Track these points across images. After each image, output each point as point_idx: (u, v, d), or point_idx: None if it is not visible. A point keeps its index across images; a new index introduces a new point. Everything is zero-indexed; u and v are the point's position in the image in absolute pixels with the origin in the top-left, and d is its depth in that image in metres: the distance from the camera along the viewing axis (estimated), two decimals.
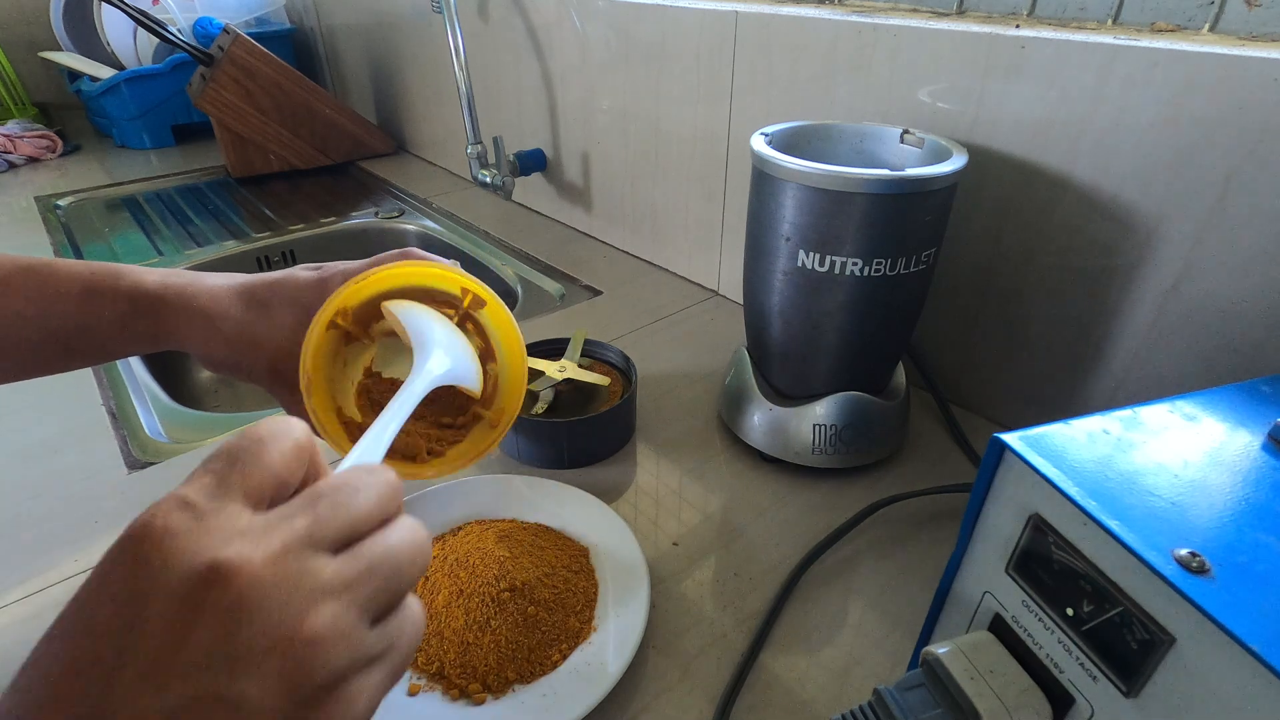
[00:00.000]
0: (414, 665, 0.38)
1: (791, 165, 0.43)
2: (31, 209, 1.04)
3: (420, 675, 0.37)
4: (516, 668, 0.37)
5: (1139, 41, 0.42)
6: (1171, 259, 0.45)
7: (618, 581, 0.43)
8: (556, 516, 0.47)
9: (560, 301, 0.80)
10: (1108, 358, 0.50)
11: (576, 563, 0.44)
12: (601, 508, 0.47)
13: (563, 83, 0.88)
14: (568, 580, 0.42)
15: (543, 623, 0.39)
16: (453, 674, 0.37)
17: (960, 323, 0.58)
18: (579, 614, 0.40)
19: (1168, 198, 0.44)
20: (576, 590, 0.42)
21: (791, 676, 0.38)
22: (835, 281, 0.45)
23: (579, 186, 0.93)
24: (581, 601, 0.41)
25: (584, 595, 0.41)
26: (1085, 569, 0.24)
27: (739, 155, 0.70)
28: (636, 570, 0.42)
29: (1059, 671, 0.26)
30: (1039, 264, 0.51)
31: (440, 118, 1.17)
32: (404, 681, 0.37)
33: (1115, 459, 0.26)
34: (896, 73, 0.54)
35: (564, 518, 0.47)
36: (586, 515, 0.47)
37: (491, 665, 0.37)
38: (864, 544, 0.47)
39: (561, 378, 0.55)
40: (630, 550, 0.44)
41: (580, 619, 0.40)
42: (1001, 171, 0.51)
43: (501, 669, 0.37)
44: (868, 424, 0.50)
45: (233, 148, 1.15)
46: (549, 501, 0.48)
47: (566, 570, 0.43)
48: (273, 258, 0.98)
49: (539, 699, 0.36)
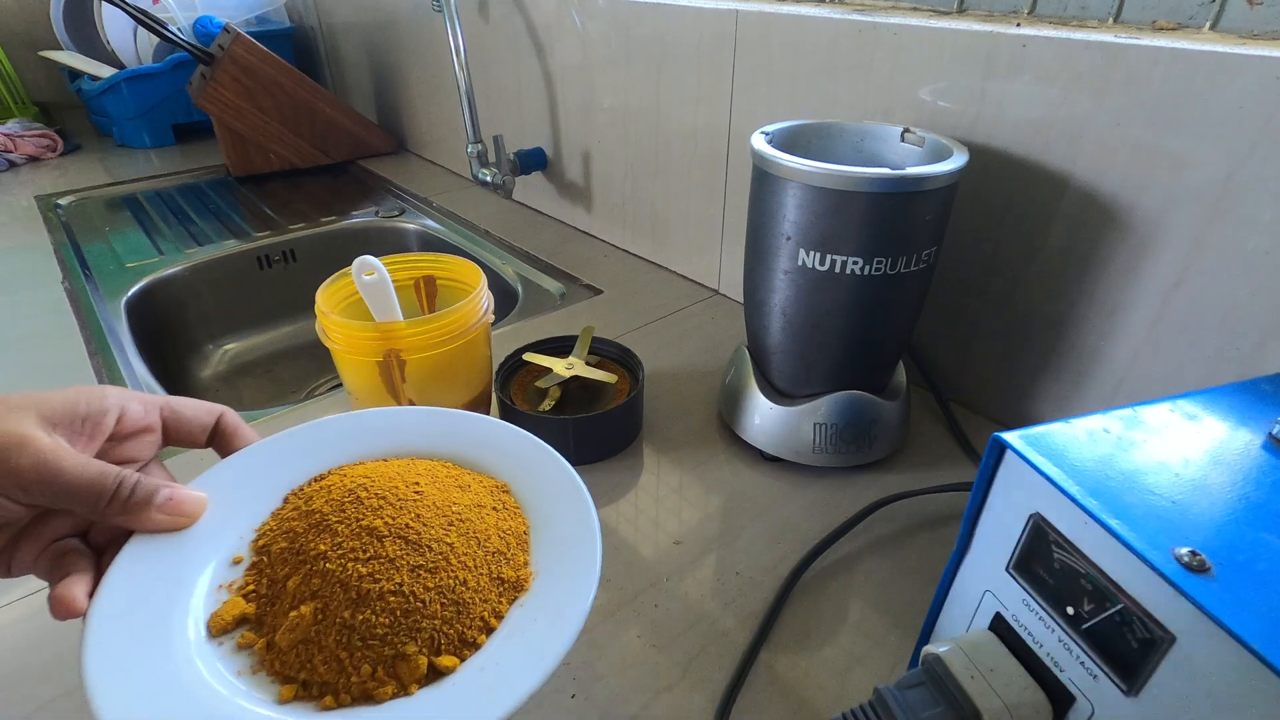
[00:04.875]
0: (277, 673, 0.28)
1: (792, 164, 0.43)
2: (32, 208, 1.04)
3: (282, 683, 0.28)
4: (425, 645, 0.28)
5: (1140, 40, 0.42)
6: (1172, 258, 0.45)
7: (552, 519, 0.34)
8: (461, 451, 0.38)
9: (561, 300, 0.80)
10: (1108, 357, 0.50)
11: (496, 500, 0.35)
12: (519, 434, 0.38)
13: (563, 81, 0.88)
14: (486, 521, 0.33)
15: (462, 579, 0.30)
16: (325, 676, 0.27)
17: (961, 321, 0.58)
18: (509, 559, 0.32)
19: (1168, 197, 0.44)
20: (504, 532, 0.33)
21: (792, 675, 0.38)
22: (836, 281, 0.45)
23: (579, 185, 0.93)
24: (513, 542, 0.33)
25: (514, 536, 0.33)
26: (1086, 568, 0.24)
27: (739, 154, 0.70)
28: (573, 500, 0.34)
29: (1059, 670, 0.26)
30: (1039, 262, 0.51)
31: (441, 116, 1.17)
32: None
33: (1116, 458, 0.26)
34: (897, 71, 0.54)
35: (470, 452, 0.38)
36: (500, 446, 0.38)
37: (382, 656, 0.28)
38: (864, 543, 0.47)
39: (569, 375, 0.55)
40: (559, 479, 0.36)
41: (513, 566, 0.32)
42: (1002, 170, 0.51)
43: (400, 660, 0.28)
44: (868, 423, 0.51)
45: (233, 147, 1.15)
46: (446, 435, 0.39)
47: (484, 510, 0.34)
48: (273, 257, 0.98)
49: (476, 676, 0.28)
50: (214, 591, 0.31)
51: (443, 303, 0.57)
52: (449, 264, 0.56)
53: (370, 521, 0.31)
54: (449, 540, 0.31)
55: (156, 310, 0.86)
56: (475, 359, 0.52)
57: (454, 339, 0.48)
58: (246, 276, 0.96)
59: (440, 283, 0.57)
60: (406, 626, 0.28)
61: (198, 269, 0.91)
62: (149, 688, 0.26)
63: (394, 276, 0.50)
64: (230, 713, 0.26)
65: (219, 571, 0.31)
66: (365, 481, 0.33)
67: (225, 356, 0.96)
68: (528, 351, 0.58)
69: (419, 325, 0.46)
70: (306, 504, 0.33)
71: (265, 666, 0.28)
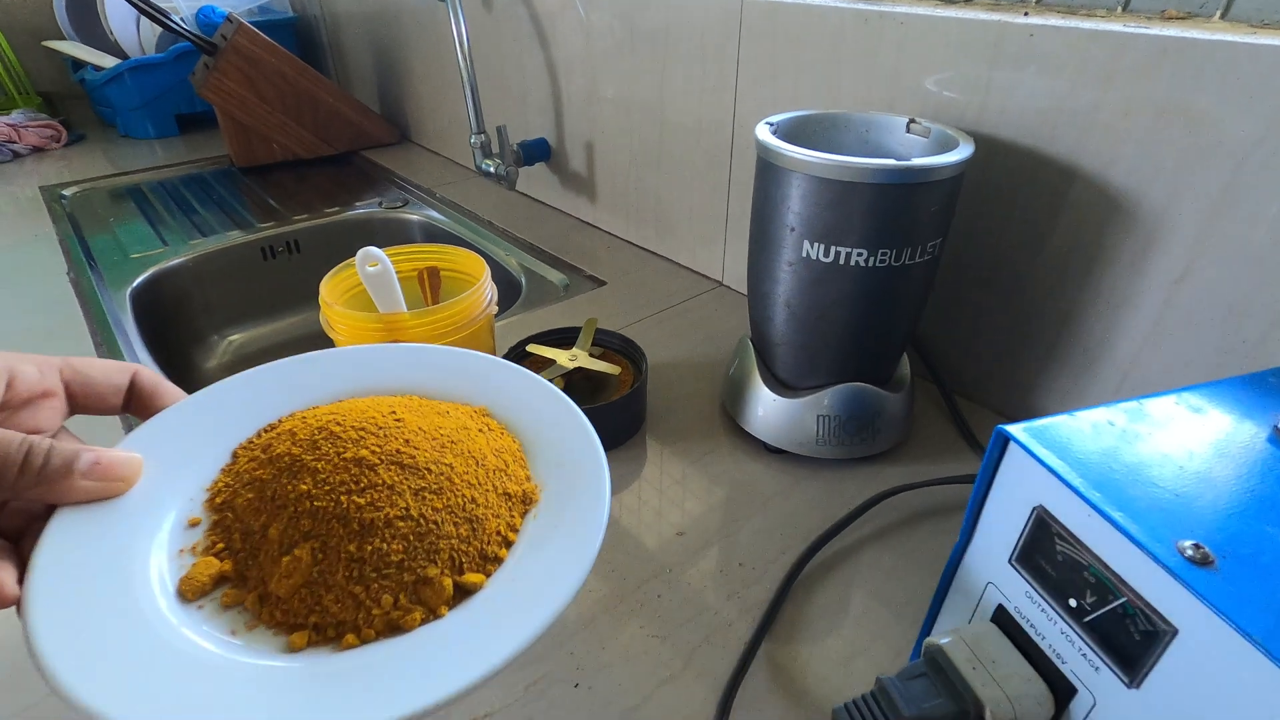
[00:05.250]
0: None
1: (796, 155, 0.43)
2: (37, 199, 1.04)
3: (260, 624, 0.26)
4: (446, 566, 0.27)
5: (1149, 29, 0.42)
6: (1178, 250, 0.44)
7: (542, 434, 0.33)
8: (425, 384, 0.36)
9: (564, 292, 0.80)
10: (1113, 349, 0.49)
11: (479, 423, 0.33)
12: (486, 359, 0.36)
13: (567, 72, 0.87)
14: (477, 441, 0.31)
15: (470, 498, 0.29)
16: (341, 615, 0.26)
17: (965, 314, 0.57)
18: (511, 475, 0.30)
19: (1175, 188, 0.43)
20: (498, 451, 0.31)
21: (795, 666, 0.38)
22: (840, 272, 0.45)
23: (583, 176, 0.93)
24: (509, 459, 0.31)
25: (509, 454, 0.32)
26: (1089, 561, 0.24)
27: (744, 145, 0.69)
28: (560, 413, 0.33)
29: (1061, 662, 0.26)
30: (1045, 254, 0.51)
31: (444, 107, 1.17)
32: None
33: (1120, 451, 0.26)
34: (903, 61, 0.54)
35: (437, 383, 0.36)
36: (469, 373, 0.36)
37: (403, 583, 0.26)
38: (867, 535, 0.47)
39: (573, 366, 0.55)
40: (540, 395, 0.34)
41: (516, 481, 0.30)
42: (1008, 161, 0.50)
43: (423, 584, 0.26)
44: (872, 415, 0.50)
45: (236, 137, 1.15)
46: (407, 369, 0.36)
47: (471, 432, 0.32)
48: (277, 247, 0.98)
49: (508, 587, 0.27)
50: (175, 557, 0.28)
51: (446, 294, 0.57)
52: (452, 255, 0.56)
53: (355, 453, 0.29)
54: (446, 461, 0.29)
55: (161, 301, 0.86)
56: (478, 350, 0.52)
57: (457, 330, 0.48)
58: (251, 267, 0.96)
59: (444, 274, 0.57)
60: (423, 550, 0.27)
61: (202, 260, 0.91)
62: (136, 669, 0.23)
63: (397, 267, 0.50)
64: (244, 674, 0.24)
65: (175, 536, 0.28)
66: (335, 417, 0.31)
67: (230, 347, 0.96)
68: (531, 343, 0.58)
69: (423, 316, 0.46)
70: (266, 452, 0.30)
71: (263, 619, 0.26)
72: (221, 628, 0.26)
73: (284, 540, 0.27)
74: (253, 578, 0.27)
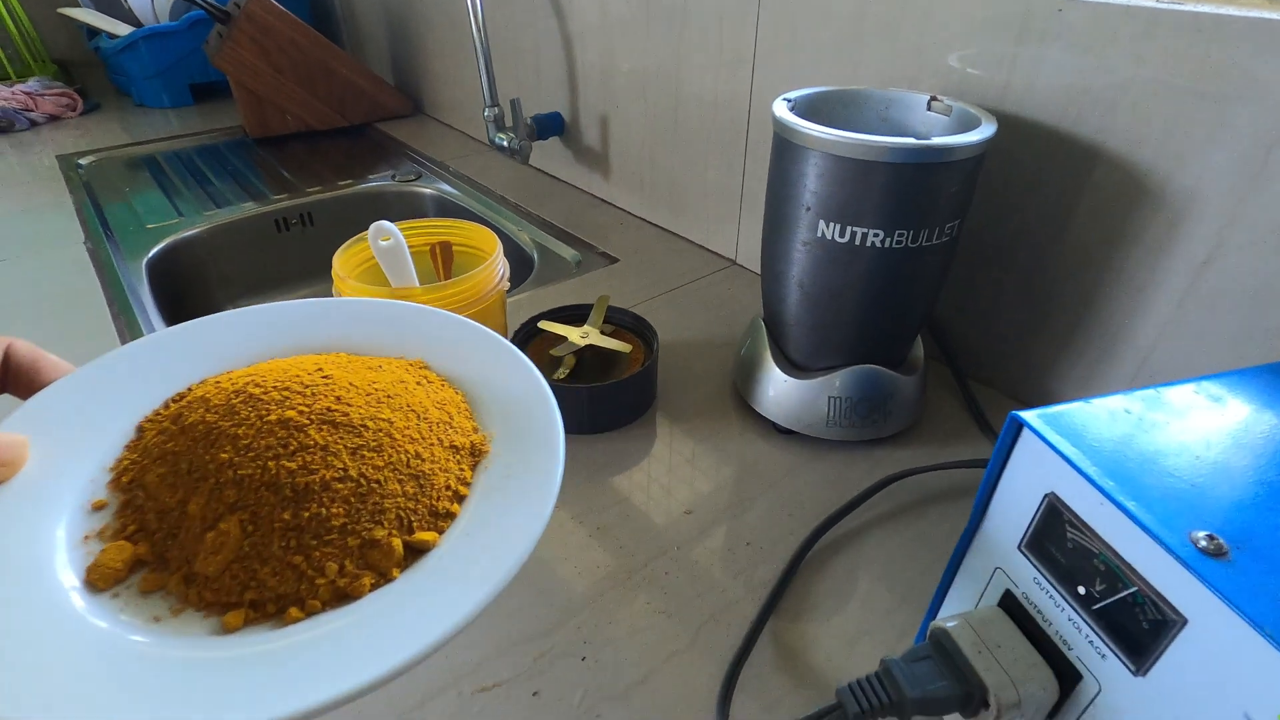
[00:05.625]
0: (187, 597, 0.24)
1: (814, 132, 0.42)
2: (54, 168, 1.05)
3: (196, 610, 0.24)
4: (394, 526, 0.25)
5: (1182, 6, 0.41)
6: (1204, 234, 0.43)
7: (486, 382, 0.31)
8: (352, 339, 0.34)
9: (576, 268, 0.80)
10: (1132, 334, 0.49)
11: (417, 376, 0.32)
12: (419, 310, 0.35)
13: (582, 44, 0.86)
14: (416, 394, 0.30)
15: (414, 453, 0.27)
16: (282, 588, 0.24)
17: (982, 295, 0.57)
18: (456, 427, 0.29)
19: (1204, 170, 0.42)
20: (440, 403, 0.30)
21: (799, 645, 0.39)
22: (856, 253, 0.45)
23: (597, 151, 0.92)
24: (453, 411, 0.30)
25: (452, 405, 0.30)
26: (1100, 549, 0.24)
27: (760, 121, 0.68)
28: (503, 359, 0.31)
29: (1067, 648, 0.26)
30: (1066, 235, 0.50)
31: (458, 79, 1.15)
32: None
33: (1136, 439, 0.26)
34: (926, 37, 0.52)
35: (365, 339, 0.34)
36: (401, 326, 0.34)
37: (348, 548, 0.25)
38: (875, 517, 0.47)
39: (584, 343, 0.55)
40: (480, 343, 0.32)
41: (462, 433, 0.29)
42: (1031, 140, 0.49)
43: (370, 547, 0.25)
44: (884, 398, 0.50)
45: (250, 107, 1.14)
46: (331, 326, 0.34)
47: (409, 385, 0.30)
48: (290, 220, 0.98)
49: (463, 543, 0.25)
50: (79, 545, 0.25)
51: (458, 269, 0.57)
52: (465, 230, 0.56)
53: (280, 414, 0.26)
54: (384, 416, 0.27)
55: (177, 272, 0.87)
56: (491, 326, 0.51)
57: (470, 306, 0.48)
58: (265, 239, 0.97)
59: (456, 248, 0.57)
60: (367, 511, 0.25)
61: (217, 231, 0.91)
62: (48, 671, 0.21)
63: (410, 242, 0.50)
64: (172, 661, 0.22)
65: (76, 521, 0.26)
66: (253, 379, 0.28)
67: None
68: (543, 319, 0.58)
69: (435, 291, 0.46)
70: (176, 423, 0.28)
71: (191, 601, 0.24)
72: (143, 615, 0.24)
73: (206, 515, 0.25)
74: (174, 558, 0.25)
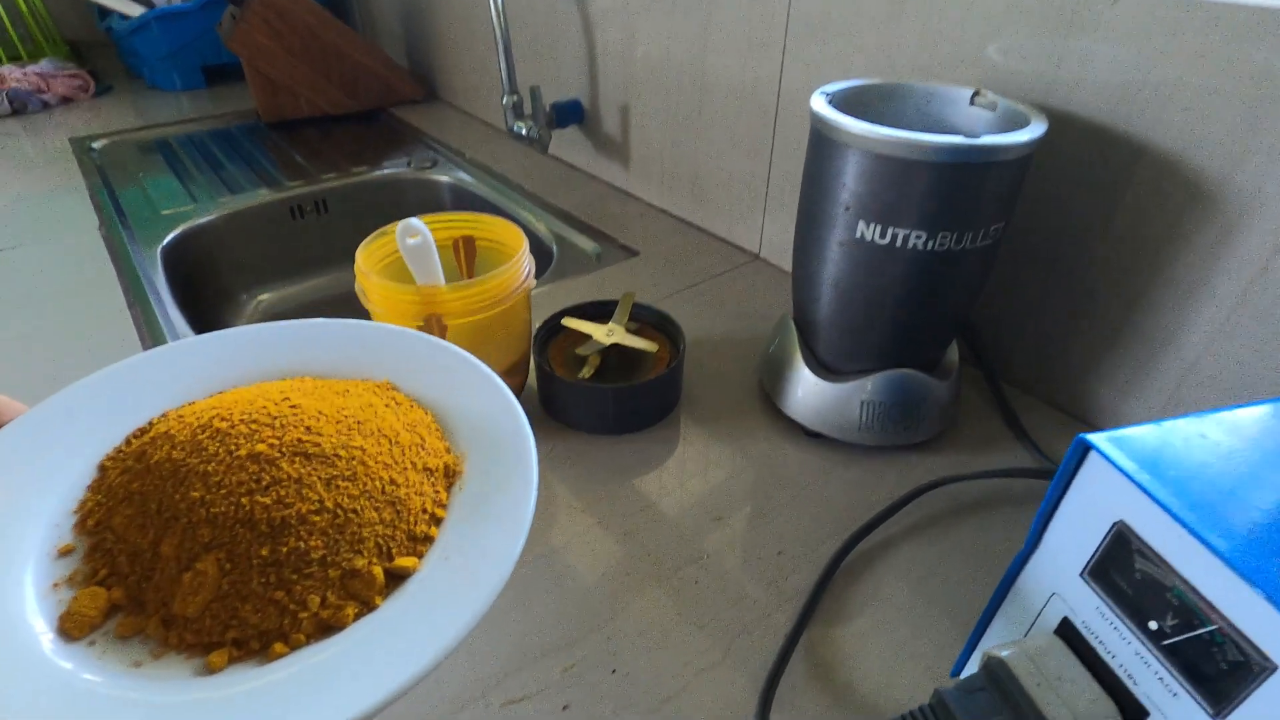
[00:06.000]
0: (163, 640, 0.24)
1: (855, 129, 0.40)
2: (66, 150, 1.04)
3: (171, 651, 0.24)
4: (373, 555, 0.25)
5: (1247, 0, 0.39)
6: (1263, 239, 0.42)
7: (455, 401, 0.31)
8: (314, 364, 0.33)
9: (597, 261, 0.78)
10: (1178, 344, 0.47)
11: (385, 398, 0.31)
12: (381, 329, 0.34)
13: (602, 27, 0.84)
14: (385, 418, 0.29)
15: (388, 479, 0.27)
16: (265, 625, 0.24)
17: (1020, 298, 0.55)
18: (429, 449, 0.29)
19: (1267, 171, 0.40)
20: (410, 425, 0.30)
21: (836, 659, 0.38)
22: (895, 255, 0.43)
23: (617, 140, 0.90)
24: (424, 433, 0.30)
25: (422, 426, 0.30)
26: (1174, 582, 0.23)
27: (790, 111, 0.66)
28: (468, 377, 0.31)
29: (1134, 684, 0.25)
30: (1112, 237, 0.48)
31: (474, 64, 1.13)
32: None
33: (1213, 467, 0.24)
34: (968, 27, 0.50)
35: (327, 364, 0.33)
36: (363, 347, 0.34)
37: (329, 580, 0.25)
38: (907, 526, 0.46)
39: (609, 342, 0.53)
40: (443, 361, 0.32)
41: (435, 454, 0.29)
42: (1079, 137, 0.47)
43: (351, 577, 0.25)
44: (918, 403, 0.49)
45: (263, 91, 1.13)
46: (291, 350, 0.33)
47: (377, 409, 0.30)
48: (305, 207, 0.96)
49: (442, 566, 0.25)
50: (49, 593, 0.25)
51: (482, 264, 0.56)
52: (490, 225, 0.54)
53: (249, 448, 0.26)
54: (355, 444, 0.27)
55: (191, 259, 0.86)
56: (516, 323, 0.51)
57: (495, 304, 0.47)
58: (279, 226, 0.95)
59: (480, 244, 0.55)
60: (345, 541, 0.25)
61: (231, 218, 0.90)
62: None
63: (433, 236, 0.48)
64: (159, 706, 0.21)
65: (43, 568, 0.25)
66: (218, 412, 0.28)
67: (259, 307, 0.96)
68: (566, 316, 0.56)
69: (461, 290, 0.45)
70: (140, 461, 0.27)
71: (171, 644, 0.24)
72: (123, 661, 0.23)
73: (181, 555, 0.24)
74: (151, 601, 0.24)
